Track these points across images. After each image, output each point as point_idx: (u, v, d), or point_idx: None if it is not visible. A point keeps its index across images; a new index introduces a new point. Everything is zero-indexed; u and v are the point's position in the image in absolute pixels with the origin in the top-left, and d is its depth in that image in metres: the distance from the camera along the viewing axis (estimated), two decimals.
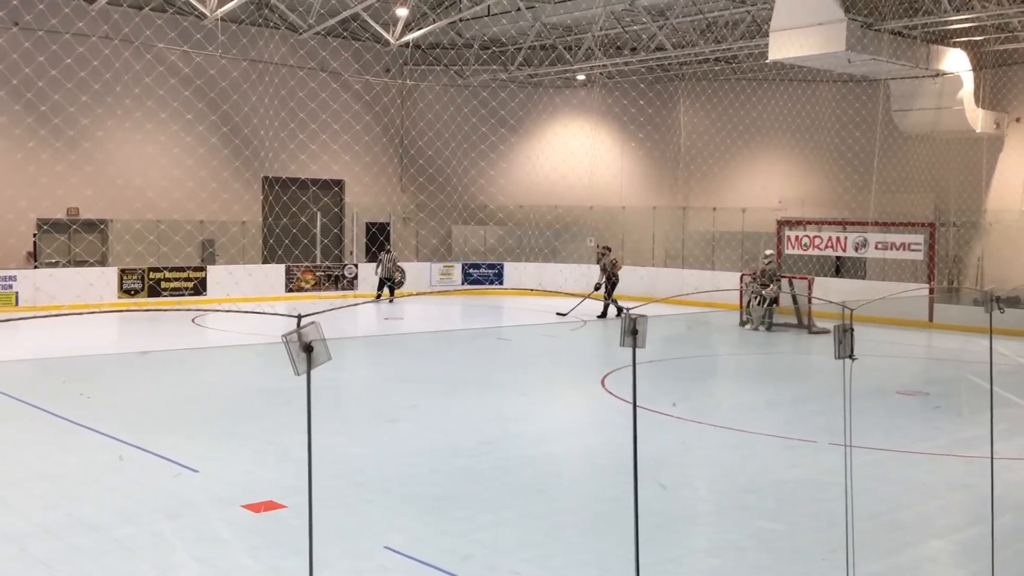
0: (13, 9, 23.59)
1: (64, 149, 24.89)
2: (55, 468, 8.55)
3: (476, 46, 30.24)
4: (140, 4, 25.46)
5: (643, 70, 30.65)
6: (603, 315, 21.75)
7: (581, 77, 30.95)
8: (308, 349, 2.77)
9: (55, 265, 24.13)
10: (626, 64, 29.00)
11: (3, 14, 23.51)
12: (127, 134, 26.01)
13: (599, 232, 30.17)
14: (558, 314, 22.08)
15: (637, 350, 3.70)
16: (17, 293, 22.37)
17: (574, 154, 31.53)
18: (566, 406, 12.54)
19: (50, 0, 24.07)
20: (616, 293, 22.23)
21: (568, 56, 28.58)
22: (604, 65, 28.64)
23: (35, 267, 23.61)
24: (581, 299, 22.43)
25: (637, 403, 4.14)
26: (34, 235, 24.25)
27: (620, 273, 22.40)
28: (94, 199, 25.29)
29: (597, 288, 22.09)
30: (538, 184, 31.60)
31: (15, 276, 22.58)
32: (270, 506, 7.37)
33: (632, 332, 3.62)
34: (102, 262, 25.18)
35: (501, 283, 29.38)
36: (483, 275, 29.58)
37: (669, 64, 29.54)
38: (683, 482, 8.46)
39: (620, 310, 21.76)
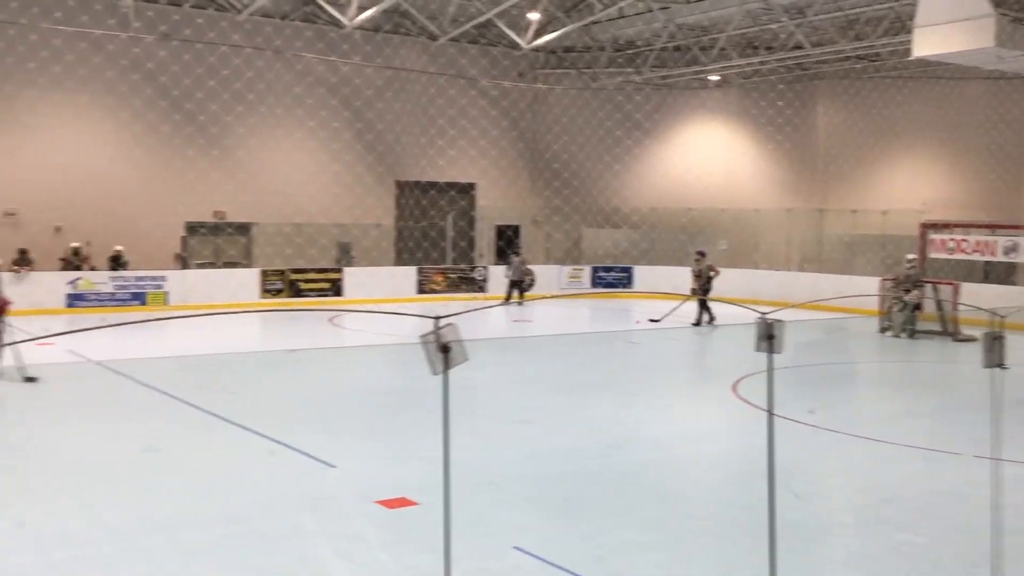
0: (172, 24, 24.90)
1: (215, 154, 26.11)
2: (202, 461, 8.96)
3: (608, 49, 30.16)
4: (286, 16, 26.48)
5: (781, 69, 29.97)
6: (709, 321, 21.09)
7: (715, 78, 30.48)
8: (445, 349, 2.84)
9: (203, 266, 25.28)
10: (762, 64, 28.42)
11: (164, 28, 24.82)
12: (273, 140, 27.09)
13: (732, 235, 29.64)
14: (651, 320, 21.50)
15: (773, 355, 3.64)
16: (167, 293, 23.53)
17: (707, 156, 31.09)
18: (696, 411, 12.38)
19: (206, 15, 25.33)
20: (717, 295, 21.52)
21: (702, 57, 28.20)
22: (739, 65, 28.14)
23: (184, 268, 24.77)
24: (677, 304, 21.99)
25: (773, 410, 4.07)
26: (183, 237, 25.47)
27: (716, 280, 21.58)
28: (240, 203, 26.40)
29: (693, 293, 21.44)
30: (670, 187, 31.28)
31: (166, 277, 23.75)
32: (403, 503, 7.53)
33: (768, 337, 3.56)
34: (247, 263, 26.22)
35: (631, 286, 29.20)
36: (613, 278, 29.48)
37: (807, 63, 28.80)
38: (818, 492, 8.24)
39: (711, 317, 21.07)
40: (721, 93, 31.20)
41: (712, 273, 21.51)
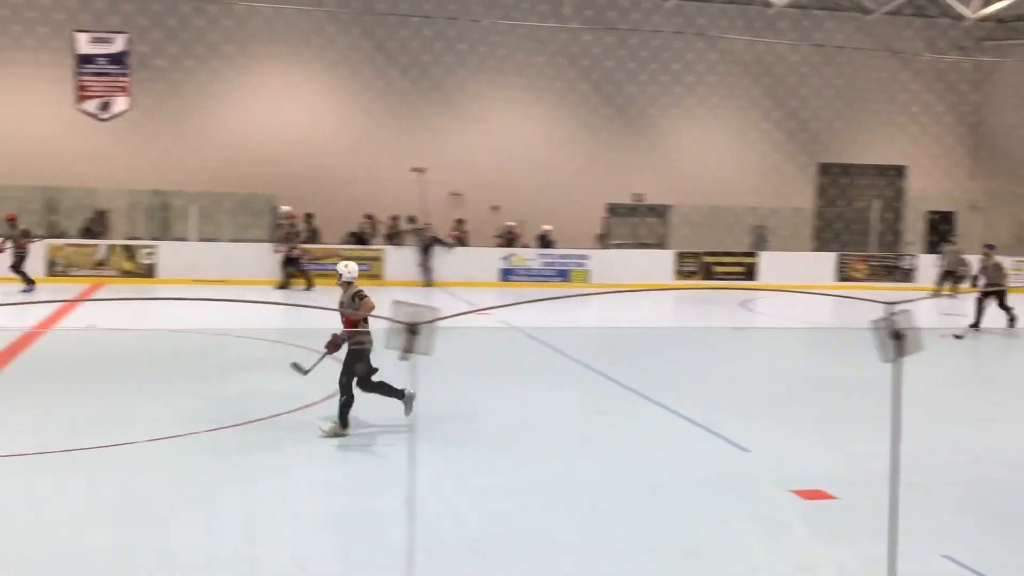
0: (599, 8, 26.06)
1: (634, 137, 26.96)
2: (619, 431, 9.31)
3: None
4: None
5: None
6: (1010, 323, 17.45)
7: None
8: (898, 336, 2.70)
9: (621, 247, 26.22)
10: None
11: (591, 13, 26.05)
12: (692, 122, 27.39)
13: None
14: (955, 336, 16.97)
15: None
16: (589, 271, 24.70)
17: None
18: None
19: (632, 1, 26.26)
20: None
21: None
22: None
23: (604, 248, 25.86)
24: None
25: None
26: (604, 218, 26.59)
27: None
28: (658, 185, 27.01)
29: (974, 285, 17.47)
30: None
31: (587, 255, 24.94)
32: (819, 495, 7.29)
33: None
34: (662, 245, 26.77)
35: None
36: None
37: None
38: None
39: (1011, 319, 17.36)
40: None
41: (997, 275, 17.60)
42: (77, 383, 10.82)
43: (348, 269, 8.69)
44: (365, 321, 8.50)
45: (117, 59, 23.31)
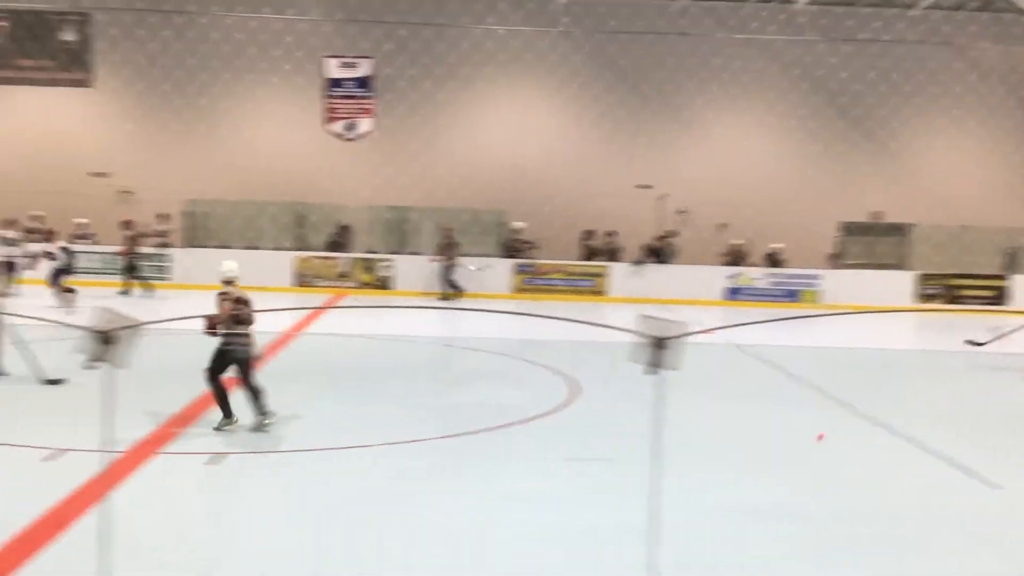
0: (836, 17, 25.29)
1: (872, 152, 25.83)
2: (851, 458, 8.85)
3: None
4: (960, 5, 25.16)
5: None
6: None
7: None
8: None
9: (856, 266, 25.05)
10: None
11: (827, 22, 25.28)
12: (936, 136, 25.97)
13: None
14: (968, 343, 15.48)
15: None
16: (820, 291, 23.73)
17: None
18: None
19: (873, 9, 25.23)
20: None
21: None
22: None
23: (837, 267, 24.80)
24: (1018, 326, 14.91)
25: None
26: (837, 237, 25.52)
27: None
28: (898, 202, 25.69)
29: None
30: None
31: (819, 275, 24.00)
32: None
33: None
34: (900, 265, 25.36)
35: None
36: None
37: None
38: None
39: None
40: None
41: None
42: (321, 386, 11.53)
43: (225, 267, 8.72)
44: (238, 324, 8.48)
45: (363, 83, 24.80)
